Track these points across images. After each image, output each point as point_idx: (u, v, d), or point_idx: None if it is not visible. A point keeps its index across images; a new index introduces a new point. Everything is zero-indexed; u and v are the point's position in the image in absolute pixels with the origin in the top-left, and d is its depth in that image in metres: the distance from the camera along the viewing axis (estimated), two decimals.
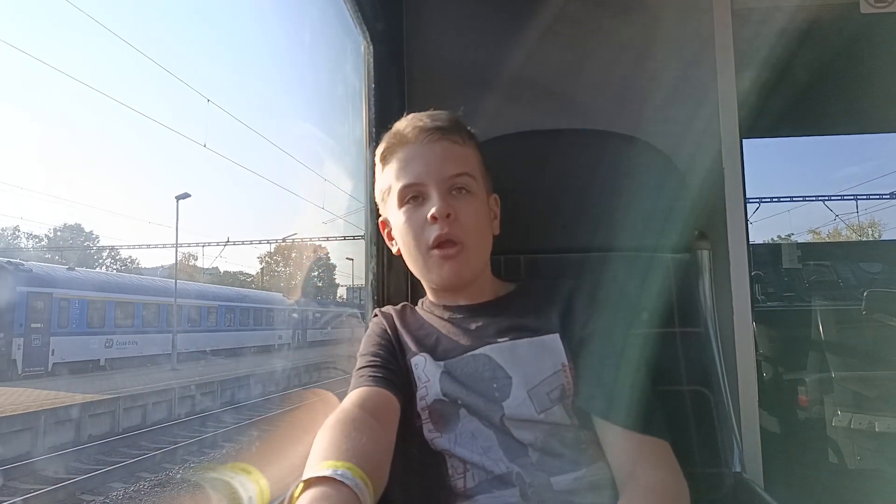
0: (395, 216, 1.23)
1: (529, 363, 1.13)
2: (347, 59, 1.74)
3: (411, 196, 1.19)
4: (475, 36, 1.68)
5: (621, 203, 1.27)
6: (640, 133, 1.02)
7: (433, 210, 1.15)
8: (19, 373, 11.80)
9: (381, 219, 1.31)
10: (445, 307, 1.27)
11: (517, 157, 1.46)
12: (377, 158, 1.27)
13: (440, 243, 1.16)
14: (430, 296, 1.32)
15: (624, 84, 1.58)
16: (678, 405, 1.23)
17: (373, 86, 1.59)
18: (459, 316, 1.25)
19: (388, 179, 1.24)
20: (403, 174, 1.21)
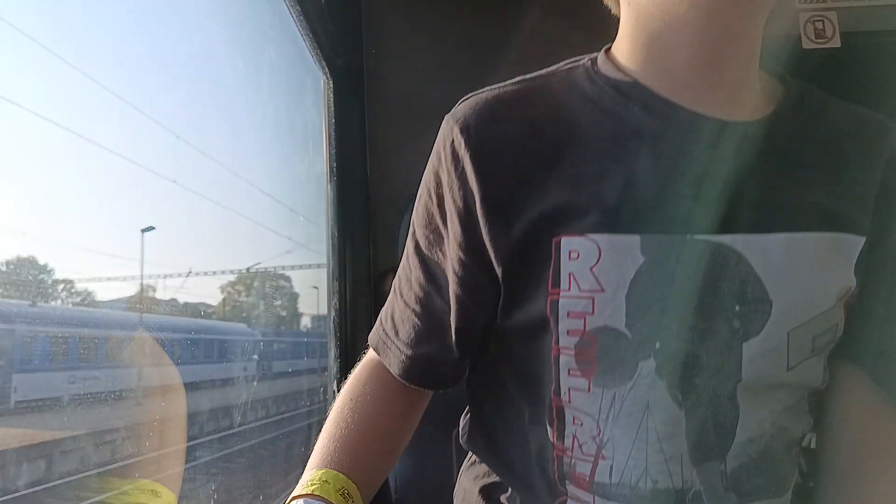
0: None
1: (807, 284, 0.65)
2: (307, 95, 1.77)
3: None
4: (435, 69, 1.72)
5: None
6: None
7: None
8: None
9: None
10: (651, 96, 0.70)
11: None
12: None
13: None
14: (626, 54, 0.74)
15: None
16: None
17: (333, 121, 1.61)
18: (683, 132, 0.68)
19: None
20: None
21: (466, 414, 0.93)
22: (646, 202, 0.66)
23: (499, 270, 0.72)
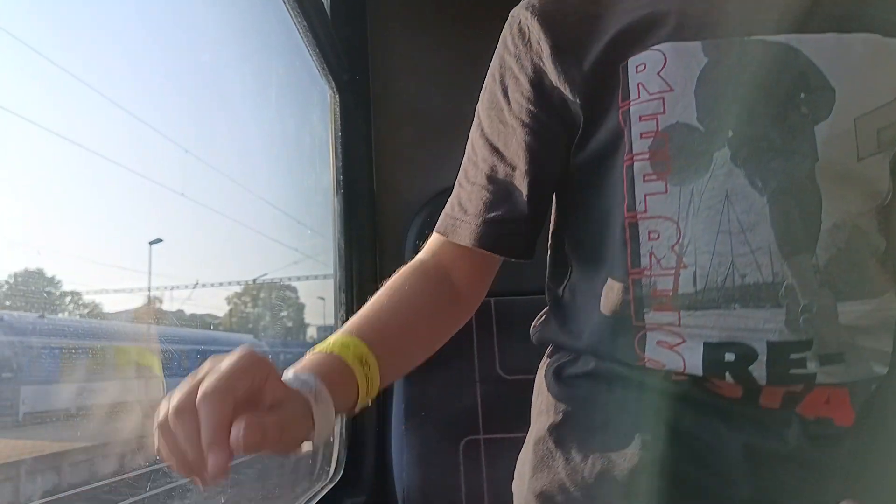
0: None
1: (864, 75, 0.69)
2: (314, 109, 1.78)
3: None
4: (441, 83, 1.72)
5: None
6: None
7: None
8: None
9: None
10: None
11: None
12: None
13: None
14: None
15: None
16: None
17: (339, 134, 1.61)
18: None
19: None
20: None
21: (541, 316, 0.94)
22: (702, 15, 0.70)
23: (576, 103, 0.76)
